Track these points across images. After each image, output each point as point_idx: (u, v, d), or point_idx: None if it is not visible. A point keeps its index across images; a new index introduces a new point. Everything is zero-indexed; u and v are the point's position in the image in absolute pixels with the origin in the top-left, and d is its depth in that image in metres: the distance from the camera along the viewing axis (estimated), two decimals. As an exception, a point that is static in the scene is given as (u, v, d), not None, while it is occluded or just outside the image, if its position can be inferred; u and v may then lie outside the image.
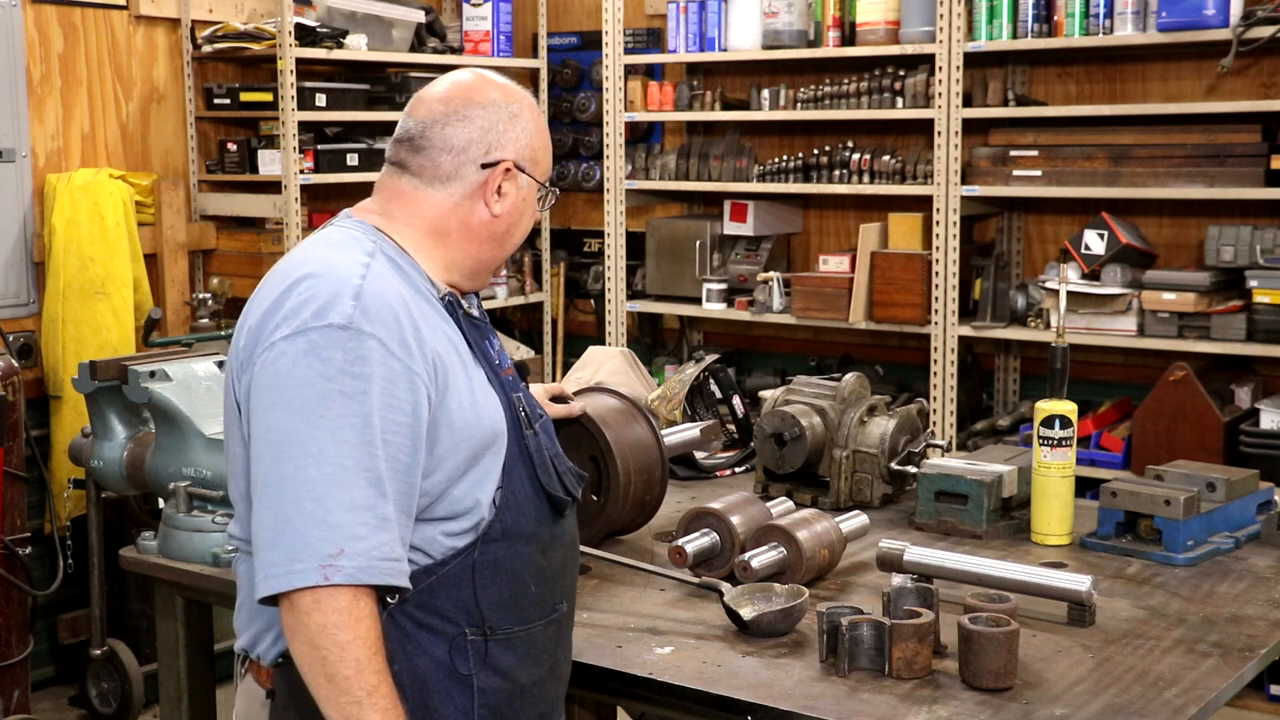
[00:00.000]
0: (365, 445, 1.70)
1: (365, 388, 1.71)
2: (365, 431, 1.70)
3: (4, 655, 4.11)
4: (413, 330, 1.78)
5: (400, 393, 1.74)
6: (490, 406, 1.87)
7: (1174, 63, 4.86)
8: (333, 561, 1.66)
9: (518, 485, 1.88)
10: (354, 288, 1.76)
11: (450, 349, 1.84)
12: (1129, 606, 2.31)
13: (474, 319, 1.95)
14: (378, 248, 1.87)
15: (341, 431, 1.69)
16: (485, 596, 1.84)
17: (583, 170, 6.22)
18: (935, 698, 1.96)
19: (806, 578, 2.36)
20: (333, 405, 1.70)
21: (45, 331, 4.70)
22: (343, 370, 1.71)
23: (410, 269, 1.89)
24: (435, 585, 1.81)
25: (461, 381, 1.83)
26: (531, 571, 1.90)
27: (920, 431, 2.92)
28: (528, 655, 1.90)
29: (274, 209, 5.08)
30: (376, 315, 1.75)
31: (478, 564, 1.83)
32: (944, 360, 4.94)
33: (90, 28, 4.92)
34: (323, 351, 1.72)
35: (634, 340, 5.89)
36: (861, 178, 5.17)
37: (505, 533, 1.86)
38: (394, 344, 1.75)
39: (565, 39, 6.29)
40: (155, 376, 3.01)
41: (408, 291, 1.84)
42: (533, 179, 1.98)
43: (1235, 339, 4.43)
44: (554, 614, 1.95)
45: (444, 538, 1.82)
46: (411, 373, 1.75)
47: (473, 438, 1.82)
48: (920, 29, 4.93)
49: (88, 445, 4.22)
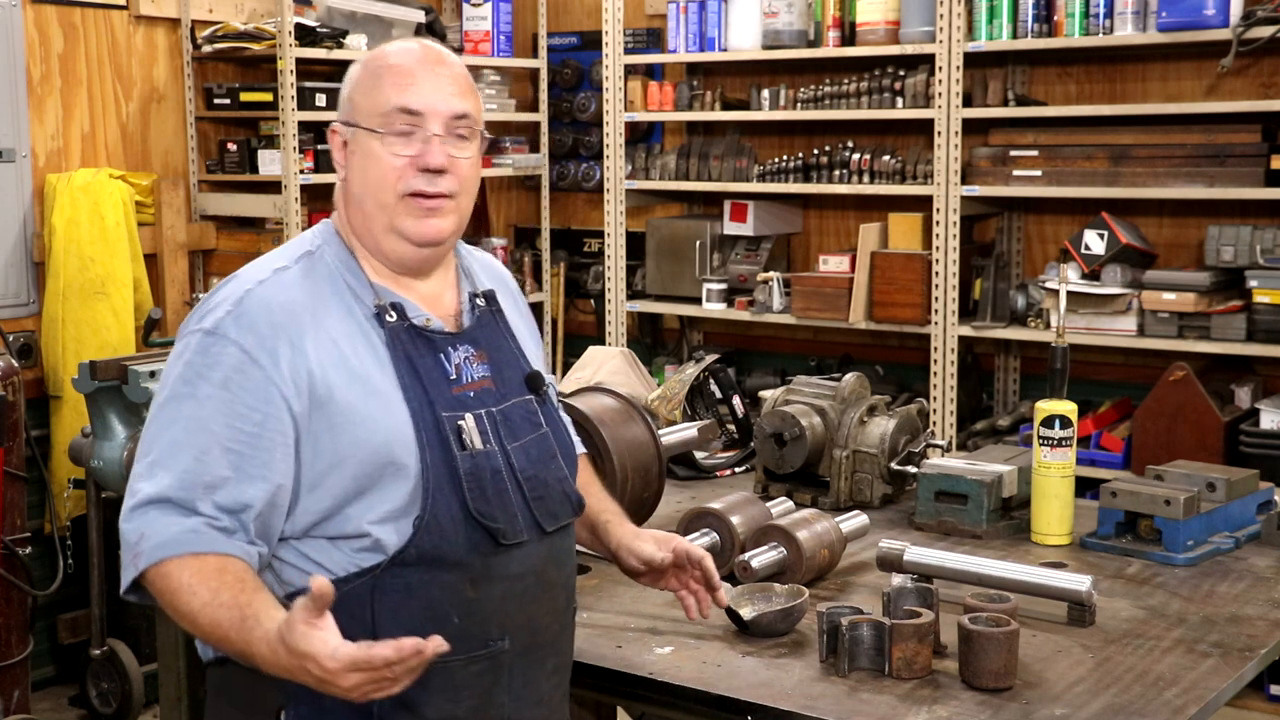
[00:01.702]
0: (193, 449, 1.72)
1: (210, 393, 1.74)
2: (196, 435, 1.73)
3: (4, 655, 4.11)
4: (290, 341, 1.76)
5: (251, 400, 1.74)
6: (388, 425, 1.78)
7: (1174, 63, 4.86)
8: (137, 550, 1.71)
9: (442, 509, 1.78)
10: (242, 293, 1.79)
11: (341, 364, 1.78)
12: (1129, 606, 2.31)
13: (422, 332, 1.86)
14: (318, 252, 1.88)
15: (172, 430, 1.74)
16: (386, 621, 1.75)
17: (583, 170, 6.22)
18: (935, 698, 1.96)
19: (806, 578, 2.36)
20: (179, 406, 1.75)
21: (45, 331, 4.70)
22: (198, 374, 1.75)
23: (348, 274, 1.87)
24: (338, 602, 1.66)
25: (352, 397, 1.77)
26: (455, 603, 1.79)
27: (920, 431, 2.92)
28: (441, 690, 1.78)
29: (274, 209, 5.08)
30: (248, 323, 1.76)
31: (382, 586, 1.76)
32: (944, 360, 4.94)
33: (90, 28, 4.92)
34: (187, 354, 1.78)
35: (634, 340, 5.89)
36: (861, 178, 5.17)
37: (422, 558, 1.77)
38: (258, 352, 1.75)
39: (565, 39, 6.29)
40: (155, 376, 3.02)
41: (312, 301, 1.81)
42: (358, 127, 1.87)
43: (1235, 339, 4.43)
44: (484, 650, 1.82)
45: (345, 555, 1.78)
46: (269, 382, 1.74)
47: (358, 454, 1.76)
48: (920, 29, 4.93)
49: (88, 445, 4.22)
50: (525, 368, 1.98)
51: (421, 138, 1.87)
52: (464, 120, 1.90)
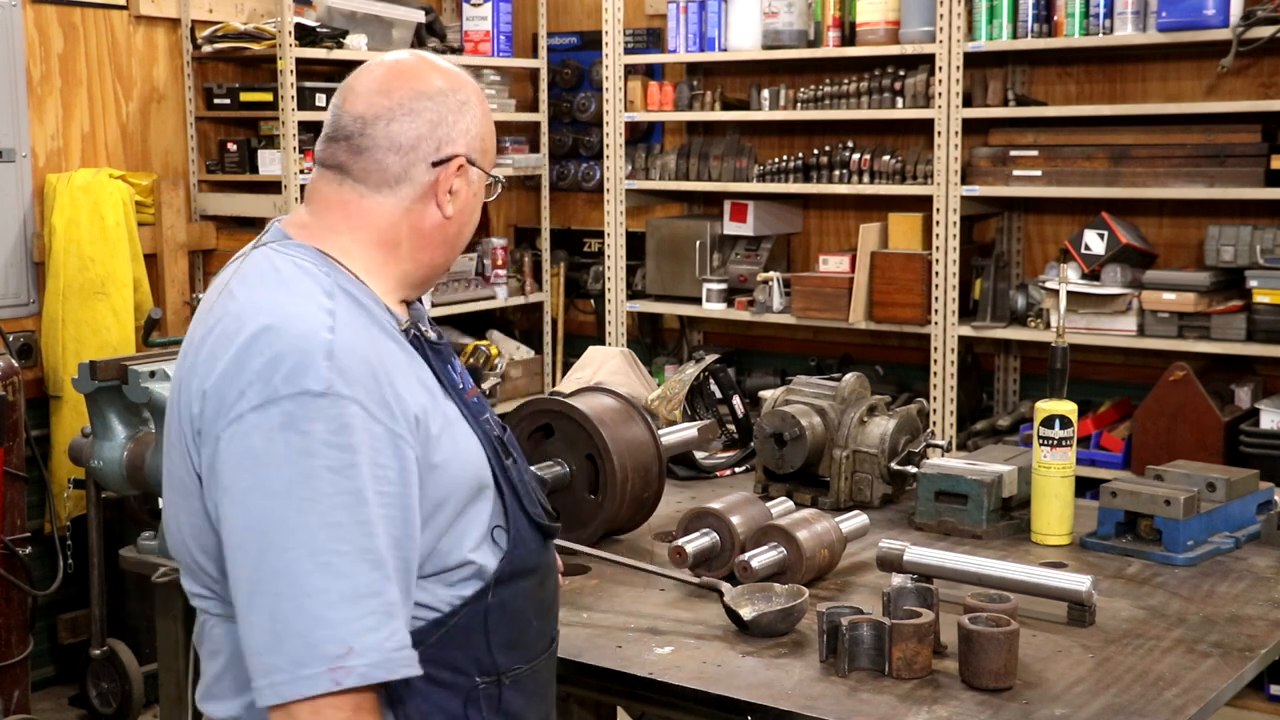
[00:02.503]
0: (360, 524, 1.52)
1: (353, 460, 1.53)
2: (359, 510, 1.53)
3: (4, 655, 4.11)
4: (389, 386, 1.60)
5: (387, 460, 1.56)
6: (472, 451, 1.70)
7: (1174, 63, 4.86)
8: (341, 663, 1.48)
9: (517, 518, 1.75)
10: (324, 343, 1.56)
11: (425, 394, 1.66)
12: (1129, 606, 2.31)
13: (434, 345, 1.76)
14: (335, 284, 1.66)
15: (333, 514, 1.51)
16: (496, 641, 1.70)
17: (583, 170, 6.22)
18: (935, 698, 1.96)
19: (806, 578, 2.36)
20: (319, 484, 1.51)
21: (45, 331, 4.70)
22: (326, 443, 1.52)
23: (369, 301, 1.69)
24: (444, 639, 1.65)
25: (443, 430, 1.66)
26: (533, 606, 1.78)
27: (920, 431, 2.92)
28: (535, 693, 1.79)
29: (274, 209, 5.08)
30: (354, 375, 1.56)
31: (490, 609, 1.70)
32: (944, 360, 4.94)
33: (90, 28, 4.92)
34: (301, 424, 1.52)
35: (634, 340, 5.89)
36: (861, 178, 5.17)
37: (515, 573, 1.73)
38: (374, 406, 1.57)
39: (565, 39, 6.29)
40: (155, 376, 3.01)
41: (377, 335, 1.65)
42: (483, 171, 1.78)
43: (1235, 339, 4.43)
44: (552, 645, 1.86)
45: (447, 590, 1.67)
46: (394, 435, 1.58)
47: (460, 489, 1.67)
48: (920, 29, 4.93)
49: (88, 445, 4.22)
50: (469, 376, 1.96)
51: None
52: None
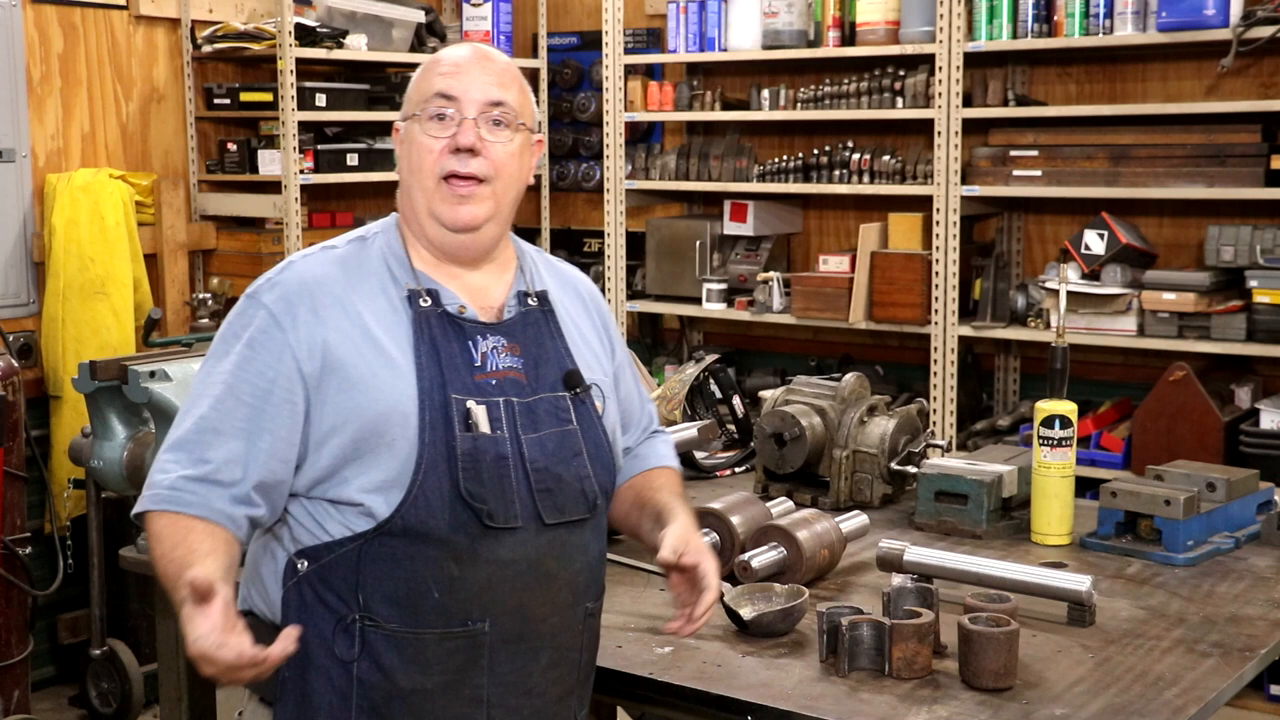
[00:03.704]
0: (212, 399, 1.86)
1: (235, 349, 1.89)
2: (216, 388, 1.87)
3: (4, 655, 4.11)
4: (312, 309, 1.88)
5: (268, 359, 1.86)
6: (389, 398, 1.86)
7: (1174, 63, 4.86)
8: (148, 491, 1.84)
9: (432, 485, 1.84)
10: (286, 264, 1.96)
11: (361, 336, 1.89)
12: (1129, 606, 2.31)
13: (454, 318, 1.94)
14: (371, 238, 2.01)
15: (203, 384, 1.90)
16: (372, 587, 1.85)
17: (583, 170, 6.22)
18: (935, 698, 1.96)
19: (806, 578, 2.36)
20: (214, 363, 1.91)
21: (45, 331, 4.70)
22: (234, 333, 1.91)
23: (392, 259, 1.98)
24: (332, 562, 1.86)
25: (362, 366, 1.87)
26: (436, 578, 1.84)
27: (920, 431, 2.92)
28: (414, 661, 1.85)
29: (274, 209, 5.08)
30: (281, 290, 1.91)
31: (369, 553, 1.85)
32: (944, 360, 4.94)
33: (90, 28, 4.92)
34: (231, 316, 1.95)
35: (634, 340, 5.89)
36: (861, 178, 5.17)
37: (407, 530, 1.84)
38: (282, 315, 1.88)
39: (565, 39, 6.29)
40: (155, 376, 3.01)
41: (347, 277, 1.93)
42: (408, 119, 2.00)
43: (1235, 339, 4.43)
44: (462, 628, 1.85)
45: (339, 519, 1.87)
46: (286, 344, 1.87)
47: (358, 419, 1.85)
48: (920, 29, 4.93)
49: (88, 445, 4.21)
50: (567, 366, 2.01)
51: (456, 121, 1.96)
52: (500, 107, 1.98)
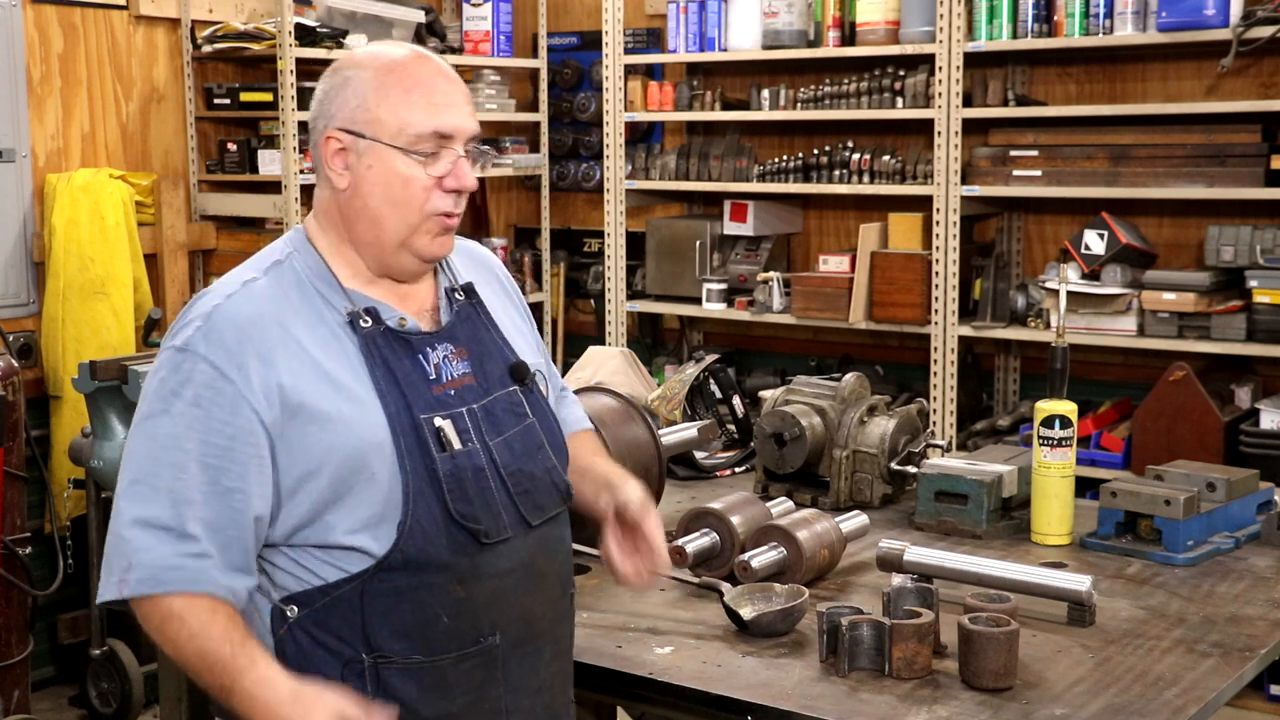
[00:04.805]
0: (173, 466, 1.74)
1: (183, 410, 1.75)
2: (173, 453, 1.74)
3: (4, 655, 4.11)
4: (258, 354, 1.76)
5: (223, 415, 1.74)
6: (359, 433, 1.77)
7: (1174, 63, 4.86)
8: (124, 575, 1.73)
9: (423, 513, 1.78)
10: (211, 308, 1.79)
11: (314, 372, 1.78)
12: (1129, 606, 2.31)
13: (399, 334, 1.86)
14: (286, 261, 1.87)
15: (150, 447, 1.76)
16: (379, 624, 1.78)
17: (583, 170, 6.22)
18: (935, 698, 1.96)
19: (806, 578, 2.36)
20: (155, 424, 1.76)
21: (45, 331, 4.70)
22: (172, 391, 1.76)
23: (319, 281, 1.86)
24: (329, 606, 1.78)
25: (325, 404, 1.77)
26: (444, 603, 1.80)
27: (920, 431, 2.92)
28: (434, 688, 1.80)
29: (274, 209, 5.08)
30: (217, 338, 1.76)
31: (371, 591, 1.78)
32: (944, 360, 4.94)
33: (90, 28, 4.92)
34: (161, 371, 1.79)
35: (634, 340, 5.89)
36: (861, 178, 5.17)
37: (408, 562, 1.78)
38: (228, 367, 1.75)
39: (565, 39, 6.29)
40: (155, 376, 3.00)
41: (280, 312, 1.81)
42: (377, 142, 1.83)
43: (1235, 339, 4.43)
44: (476, 646, 1.83)
45: (330, 562, 1.79)
46: (239, 397, 1.74)
47: (334, 459, 1.76)
48: (920, 29, 4.93)
49: (88, 445, 4.22)
50: (509, 358, 1.96)
51: (449, 159, 1.87)
52: (475, 139, 1.91)
